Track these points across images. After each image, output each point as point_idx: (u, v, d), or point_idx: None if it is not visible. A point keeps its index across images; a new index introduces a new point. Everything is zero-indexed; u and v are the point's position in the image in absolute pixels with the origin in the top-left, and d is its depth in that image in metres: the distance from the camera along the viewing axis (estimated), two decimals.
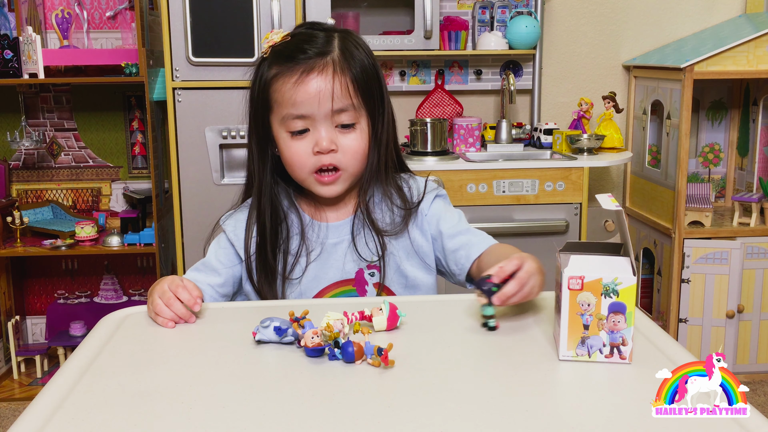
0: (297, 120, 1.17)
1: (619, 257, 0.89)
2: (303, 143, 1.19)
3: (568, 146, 2.87)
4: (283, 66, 1.18)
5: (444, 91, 3.09)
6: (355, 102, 1.18)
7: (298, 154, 1.19)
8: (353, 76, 1.18)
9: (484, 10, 3.00)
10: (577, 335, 0.88)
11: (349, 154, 1.20)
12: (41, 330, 3.14)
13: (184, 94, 2.54)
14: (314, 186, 1.22)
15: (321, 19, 2.62)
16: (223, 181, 2.59)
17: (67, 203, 3.08)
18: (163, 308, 1.04)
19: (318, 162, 1.19)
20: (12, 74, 2.66)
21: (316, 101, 1.16)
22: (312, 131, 1.18)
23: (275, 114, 1.20)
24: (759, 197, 2.84)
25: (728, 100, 3.19)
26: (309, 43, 1.18)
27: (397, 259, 1.26)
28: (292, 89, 1.16)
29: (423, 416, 0.75)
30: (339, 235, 1.26)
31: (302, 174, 1.21)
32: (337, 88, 1.16)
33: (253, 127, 1.25)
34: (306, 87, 1.15)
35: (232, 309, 1.13)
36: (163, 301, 1.04)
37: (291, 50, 1.18)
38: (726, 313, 2.76)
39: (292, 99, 1.16)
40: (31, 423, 0.75)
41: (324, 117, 1.17)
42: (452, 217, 1.28)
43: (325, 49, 1.18)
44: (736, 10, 3.18)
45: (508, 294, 0.97)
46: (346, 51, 1.19)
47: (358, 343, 0.88)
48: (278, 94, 1.18)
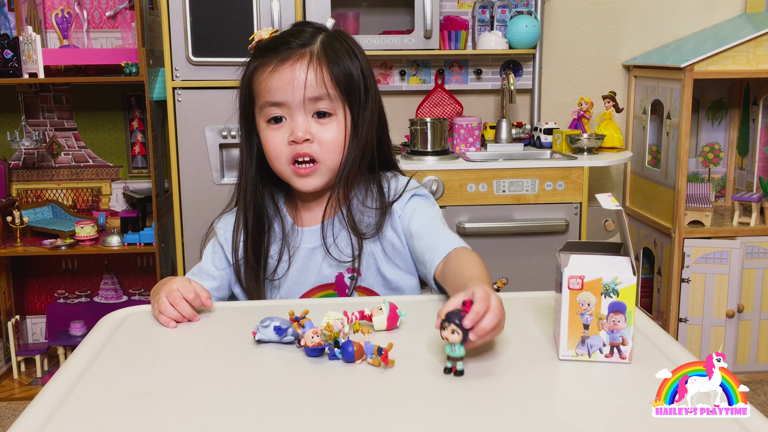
0: (273, 107, 1.19)
1: (619, 257, 0.89)
2: (279, 133, 1.20)
3: (568, 146, 2.87)
4: (263, 58, 1.20)
5: (444, 90, 3.09)
6: (331, 93, 1.18)
7: (274, 143, 1.20)
8: (331, 67, 1.19)
9: (484, 10, 3.00)
10: (577, 335, 0.88)
11: (325, 145, 1.20)
12: (41, 330, 3.15)
13: (184, 93, 2.54)
14: (293, 179, 1.22)
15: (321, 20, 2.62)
16: (223, 181, 2.59)
17: (67, 203, 3.08)
18: (168, 307, 1.04)
19: (293, 151, 1.19)
20: (12, 74, 2.66)
21: (291, 88, 1.17)
22: (288, 120, 1.19)
23: (256, 105, 1.22)
24: (759, 197, 2.84)
25: (728, 100, 3.19)
26: (293, 36, 1.20)
27: (376, 260, 1.24)
28: (268, 77, 1.18)
29: (423, 416, 0.75)
30: (315, 239, 1.25)
31: (280, 165, 1.21)
32: (311, 77, 1.17)
33: (242, 123, 1.27)
34: (280, 74, 1.17)
35: (232, 309, 1.13)
36: (169, 300, 1.04)
37: (274, 44, 1.20)
38: (726, 313, 2.76)
39: (268, 86, 1.18)
40: (31, 423, 0.75)
41: (298, 104, 1.17)
42: (425, 216, 1.22)
43: (307, 41, 1.20)
44: (736, 9, 3.18)
45: (486, 329, 0.84)
46: (328, 45, 1.20)
47: (358, 343, 0.88)
48: (257, 84, 1.21)
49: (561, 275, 0.88)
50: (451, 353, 0.84)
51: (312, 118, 1.19)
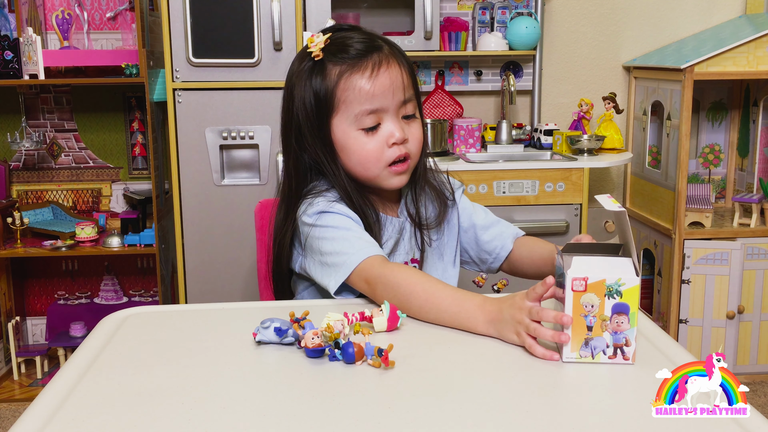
0: (371, 115, 1.18)
1: (621, 258, 0.89)
2: (375, 138, 1.19)
3: (569, 147, 2.87)
4: (347, 63, 1.17)
5: (444, 91, 3.09)
6: (414, 92, 1.23)
7: (374, 149, 1.19)
8: (407, 67, 1.22)
9: (484, 11, 3.00)
10: (580, 337, 0.88)
11: (416, 142, 1.23)
12: (41, 331, 3.14)
13: (185, 94, 2.54)
14: (387, 179, 1.22)
15: (321, 20, 2.63)
16: (224, 182, 2.59)
17: (67, 204, 3.08)
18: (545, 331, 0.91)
19: (393, 154, 1.20)
20: (12, 75, 2.66)
21: (390, 93, 1.18)
22: (382, 125, 1.19)
23: (342, 114, 1.18)
24: (759, 198, 2.84)
25: (728, 101, 3.19)
26: (358, 41, 1.19)
27: (436, 255, 1.30)
28: (368, 83, 1.16)
29: (423, 417, 0.75)
30: (395, 231, 1.27)
31: (377, 169, 1.20)
32: (405, 78, 1.20)
33: (311, 135, 1.20)
34: (381, 79, 1.17)
35: (232, 309, 1.13)
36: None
37: (347, 49, 1.18)
38: (726, 314, 2.76)
39: (370, 92, 1.16)
40: (32, 424, 0.75)
41: (394, 108, 1.19)
42: (481, 208, 1.37)
43: (376, 44, 1.20)
44: (736, 10, 3.18)
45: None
46: (392, 45, 1.22)
47: (359, 344, 0.88)
48: (349, 92, 1.17)
49: (564, 277, 0.88)
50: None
51: (402, 119, 1.21)
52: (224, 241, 2.58)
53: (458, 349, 0.94)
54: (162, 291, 2.76)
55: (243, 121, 2.56)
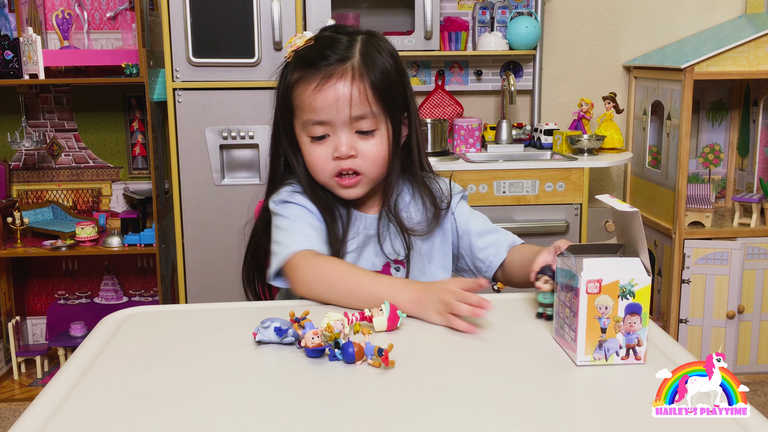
0: (317, 126, 1.19)
1: (631, 258, 0.88)
2: (323, 148, 1.20)
3: (569, 147, 2.87)
4: (303, 71, 1.19)
5: (444, 91, 3.09)
6: (374, 109, 1.18)
7: (318, 158, 1.20)
8: (373, 82, 1.18)
9: (485, 11, 3.00)
10: (594, 339, 0.87)
11: (369, 159, 1.20)
12: (41, 330, 3.14)
13: (185, 94, 2.54)
14: (336, 189, 1.23)
15: (321, 20, 2.62)
16: (224, 182, 2.59)
17: (67, 204, 3.08)
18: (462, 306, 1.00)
19: (338, 167, 1.20)
20: (12, 75, 2.66)
21: (335, 108, 1.16)
22: (332, 136, 1.19)
23: (297, 118, 1.22)
24: (759, 198, 2.84)
25: (728, 101, 3.19)
26: (331, 49, 1.19)
27: (424, 258, 1.28)
28: (312, 96, 1.17)
29: (423, 417, 0.75)
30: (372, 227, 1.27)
31: (323, 178, 1.22)
32: (356, 94, 1.16)
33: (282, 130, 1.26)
34: (325, 94, 1.16)
35: (232, 309, 1.13)
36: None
37: (312, 56, 1.19)
38: (726, 314, 2.76)
39: (311, 105, 1.17)
40: (32, 424, 0.75)
41: (343, 123, 1.18)
42: (479, 216, 1.35)
43: (346, 54, 1.18)
44: (737, 10, 3.18)
45: None
46: (367, 56, 1.19)
47: (359, 344, 0.88)
48: (299, 100, 1.20)
49: (576, 279, 0.86)
50: (543, 300, 1.02)
51: (355, 134, 1.19)
52: (224, 241, 2.58)
53: (458, 349, 0.94)
54: (162, 291, 2.76)
55: (243, 121, 2.56)
